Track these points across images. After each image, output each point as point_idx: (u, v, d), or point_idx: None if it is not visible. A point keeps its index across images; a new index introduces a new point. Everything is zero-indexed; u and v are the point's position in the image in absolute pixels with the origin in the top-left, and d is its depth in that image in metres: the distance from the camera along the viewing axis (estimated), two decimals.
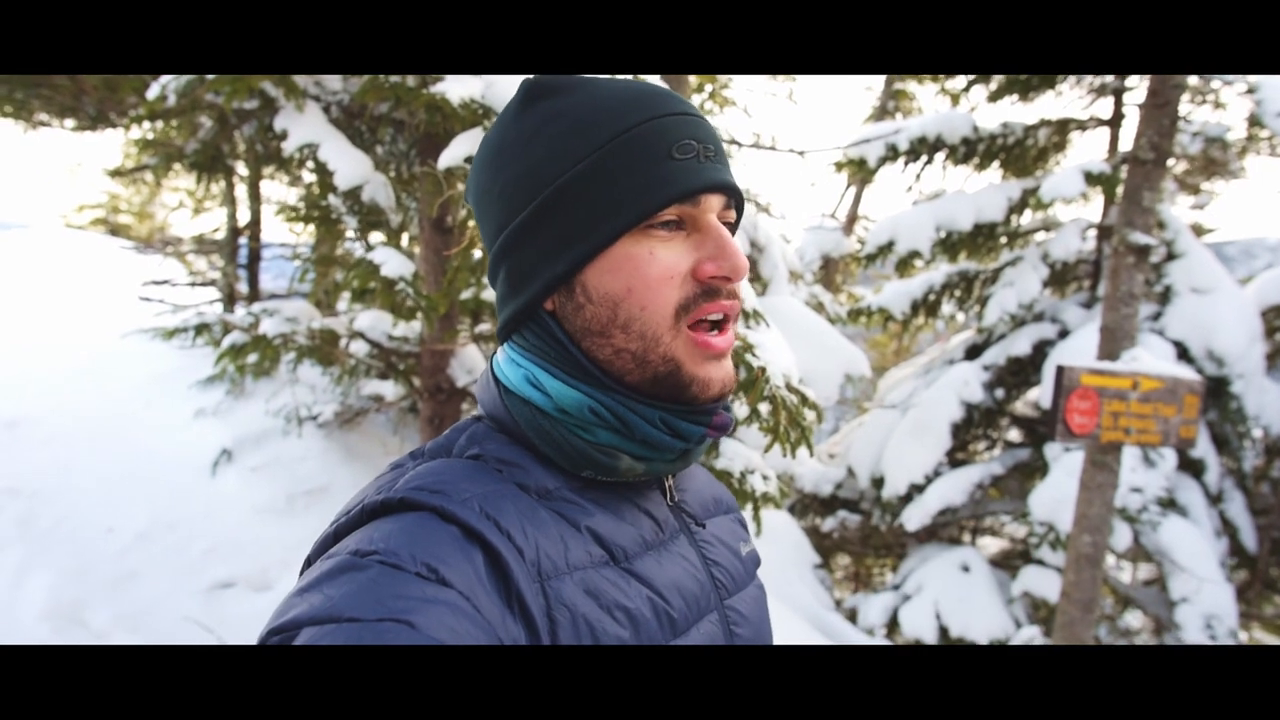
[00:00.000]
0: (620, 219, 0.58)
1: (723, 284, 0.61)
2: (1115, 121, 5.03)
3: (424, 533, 0.52)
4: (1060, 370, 2.67)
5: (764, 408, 1.97)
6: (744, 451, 2.34)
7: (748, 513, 2.28)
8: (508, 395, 0.64)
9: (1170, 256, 4.72)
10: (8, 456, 4.18)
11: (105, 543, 3.76)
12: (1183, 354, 4.55)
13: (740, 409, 2.02)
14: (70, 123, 4.77)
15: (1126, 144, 4.27)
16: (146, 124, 3.83)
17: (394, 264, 2.56)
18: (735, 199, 0.63)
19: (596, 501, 0.63)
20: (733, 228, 0.66)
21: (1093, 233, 5.19)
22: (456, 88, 2.31)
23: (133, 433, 4.45)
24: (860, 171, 5.33)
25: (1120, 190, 3.87)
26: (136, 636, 3.38)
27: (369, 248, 3.17)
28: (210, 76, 2.62)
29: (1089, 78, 5.08)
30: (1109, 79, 4.96)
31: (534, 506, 0.59)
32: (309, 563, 0.56)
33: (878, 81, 9.34)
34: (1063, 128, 5.17)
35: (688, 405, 0.62)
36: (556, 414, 0.62)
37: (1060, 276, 5.42)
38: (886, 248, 5.19)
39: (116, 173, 5.43)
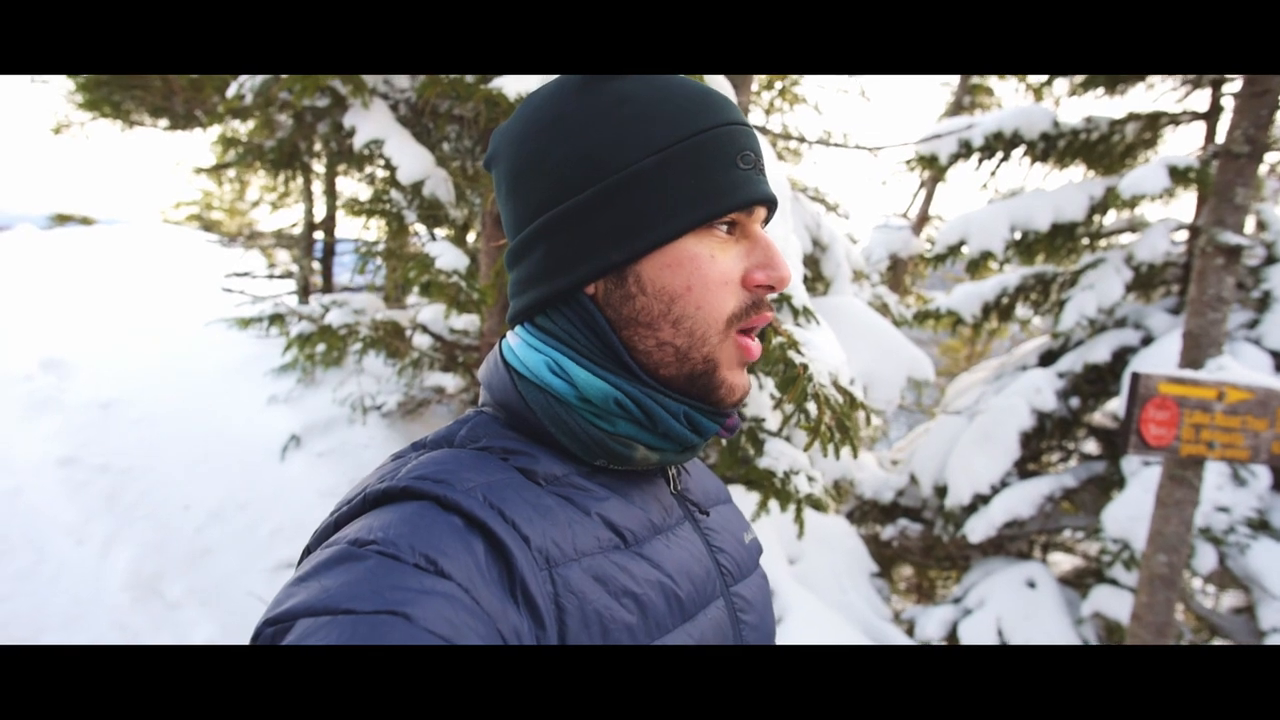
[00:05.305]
0: (688, 217, 0.59)
1: (767, 293, 0.64)
2: (1212, 115, 4.70)
3: (424, 522, 0.51)
4: (1135, 377, 2.51)
5: (812, 407, 1.91)
6: (789, 451, 2.29)
7: (790, 514, 2.23)
8: (522, 381, 0.63)
9: (1271, 260, 4.39)
10: (101, 435, 4.48)
11: (182, 519, 3.98)
12: None
13: (786, 407, 1.98)
14: (163, 122, 5.08)
15: (1223, 139, 3.99)
16: (228, 122, 4.03)
17: (449, 257, 2.62)
18: (770, 211, 0.66)
19: (606, 486, 0.63)
20: None
21: (1183, 234, 4.87)
22: (512, 82, 2.34)
23: (211, 416, 4.70)
24: (932, 169, 5.14)
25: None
26: (208, 610, 3.57)
27: (434, 241, 3.25)
28: (283, 76, 2.75)
29: None
30: None
31: (539, 493, 0.58)
32: (308, 551, 0.56)
33: (954, 76, 9.03)
34: (1153, 122, 4.85)
35: (713, 406, 0.64)
36: (577, 403, 0.61)
37: (1146, 280, 5.10)
38: (956, 248, 4.99)
39: (203, 170, 5.74)
